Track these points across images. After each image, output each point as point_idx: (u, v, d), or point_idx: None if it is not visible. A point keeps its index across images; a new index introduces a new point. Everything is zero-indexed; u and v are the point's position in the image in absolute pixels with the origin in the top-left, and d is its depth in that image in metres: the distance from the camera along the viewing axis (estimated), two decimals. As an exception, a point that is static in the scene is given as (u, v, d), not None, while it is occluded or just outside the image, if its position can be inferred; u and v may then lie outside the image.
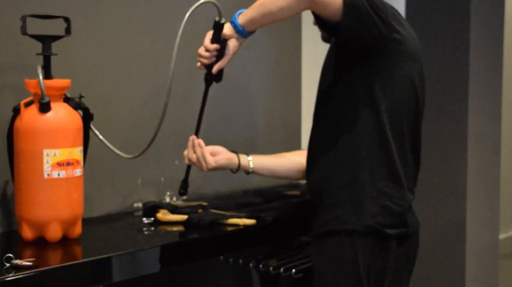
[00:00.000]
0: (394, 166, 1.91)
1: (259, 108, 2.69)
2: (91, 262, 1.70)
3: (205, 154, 2.12)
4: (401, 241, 1.92)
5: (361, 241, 1.87)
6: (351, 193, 1.90)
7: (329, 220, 1.92)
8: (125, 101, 2.24)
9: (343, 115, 1.92)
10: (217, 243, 2.02)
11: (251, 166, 2.21)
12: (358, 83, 1.90)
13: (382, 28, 1.83)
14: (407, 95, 1.94)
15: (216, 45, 1.95)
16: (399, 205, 1.91)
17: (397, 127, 1.92)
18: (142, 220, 2.12)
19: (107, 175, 2.20)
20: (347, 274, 1.87)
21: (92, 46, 2.14)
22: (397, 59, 1.90)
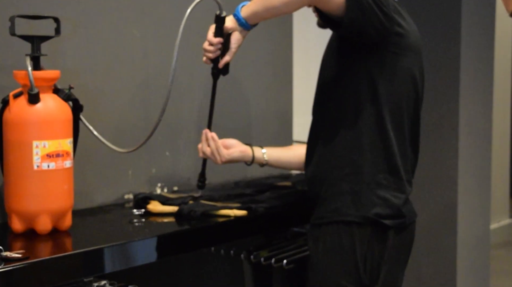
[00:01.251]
0: (393, 158, 1.92)
1: (250, 100, 2.69)
2: (81, 253, 1.69)
3: (219, 147, 2.16)
4: (398, 232, 1.93)
5: (359, 231, 1.89)
6: (351, 184, 1.91)
7: (328, 211, 1.93)
8: (115, 92, 2.23)
9: (345, 108, 1.93)
10: (208, 234, 2.02)
11: (265, 158, 2.25)
12: (359, 76, 1.91)
13: (384, 22, 1.83)
14: (407, 88, 1.95)
15: (219, 38, 1.96)
16: (397, 197, 1.92)
17: (397, 120, 1.93)
18: (133, 211, 2.11)
19: (98, 166, 2.19)
20: (344, 263, 1.89)
21: (82, 38, 2.13)
22: (399, 53, 1.91)
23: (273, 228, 2.26)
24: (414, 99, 1.98)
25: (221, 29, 1.95)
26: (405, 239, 1.98)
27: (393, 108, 1.92)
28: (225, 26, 1.96)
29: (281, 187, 2.46)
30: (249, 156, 2.24)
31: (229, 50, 1.98)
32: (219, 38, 1.97)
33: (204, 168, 2.19)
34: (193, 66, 2.43)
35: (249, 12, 1.93)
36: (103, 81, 2.19)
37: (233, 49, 1.98)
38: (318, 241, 1.94)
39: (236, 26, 1.96)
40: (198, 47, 2.13)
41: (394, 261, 1.95)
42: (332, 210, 1.92)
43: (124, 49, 2.25)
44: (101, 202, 2.20)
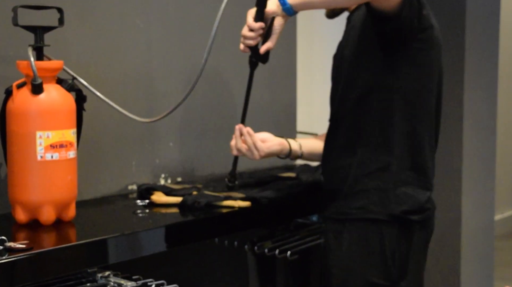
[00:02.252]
0: (421, 154, 1.92)
1: (254, 90, 2.67)
2: (85, 244, 1.69)
3: (256, 142, 2.09)
4: (423, 226, 1.94)
5: (387, 229, 1.88)
6: (377, 182, 1.90)
7: (353, 207, 1.92)
8: (118, 83, 2.22)
9: (371, 104, 1.90)
10: (212, 225, 2.02)
11: (301, 150, 2.20)
12: (387, 72, 1.89)
13: (421, 19, 1.83)
14: (433, 83, 1.94)
15: (261, 23, 1.83)
16: (422, 193, 1.92)
17: (425, 115, 1.92)
18: (137, 202, 2.11)
19: (101, 157, 2.19)
20: (372, 259, 1.89)
21: (85, 28, 2.12)
22: (427, 47, 1.90)
23: (277, 219, 2.26)
24: (439, 92, 1.97)
25: (263, 13, 1.82)
26: (429, 231, 1.99)
27: (421, 104, 1.90)
28: (266, 10, 1.83)
29: (285, 178, 2.45)
30: (286, 149, 2.17)
31: (271, 36, 1.85)
32: (260, 23, 1.83)
33: (235, 166, 2.13)
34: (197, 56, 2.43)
35: (299, 1, 1.82)
36: (106, 72, 2.19)
37: (276, 36, 1.86)
38: (341, 237, 1.93)
39: (279, 11, 1.84)
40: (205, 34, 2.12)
41: (420, 254, 1.96)
42: (358, 207, 1.91)
43: (128, 40, 2.24)
44: (105, 192, 2.20)
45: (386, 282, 1.88)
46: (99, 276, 1.74)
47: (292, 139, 2.22)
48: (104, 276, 1.75)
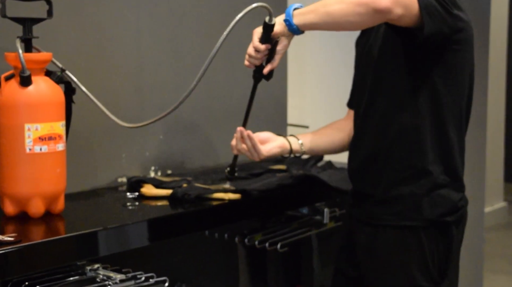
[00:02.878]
0: (454, 158, 1.91)
1: (244, 82, 2.67)
2: (74, 237, 1.68)
3: (256, 145, 2.09)
4: (458, 224, 1.94)
5: (425, 234, 1.88)
6: (412, 187, 1.88)
7: (388, 213, 1.91)
8: (108, 75, 2.21)
9: (405, 111, 1.87)
10: (202, 217, 2.01)
11: (303, 150, 2.19)
12: (419, 77, 1.86)
13: (450, 22, 1.79)
14: (466, 85, 1.91)
15: (267, 45, 1.87)
16: (456, 195, 1.92)
17: (457, 118, 1.91)
18: (126, 195, 2.10)
19: (91, 149, 2.18)
20: (414, 262, 1.88)
21: (74, 20, 2.11)
22: (459, 49, 1.86)
23: (267, 211, 2.26)
24: (470, 93, 1.95)
25: (269, 36, 1.86)
26: (464, 227, 1.99)
27: (453, 108, 1.88)
28: (273, 33, 1.86)
29: (275, 170, 2.45)
30: (287, 150, 2.17)
31: (275, 57, 1.90)
32: (266, 45, 1.87)
33: (235, 162, 2.15)
34: (186, 48, 2.42)
35: (306, 22, 1.81)
36: (95, 64, 2.17)
37: (279, 56, 1.90)
38: (376, 242, 1.92)
39: (285, 32, 1.86)
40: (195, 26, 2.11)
41: (457, 252, 1.96)
42: (393, 213, 1.90)
43: (117, 32, 2.23)
44: (95, 185, 2.19)
45: (429, 284, 1.88)
46: (88, 269, 1.74)
47: (293, 138, 2.20)
48: (93, 269, 1.74)
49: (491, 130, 5.29)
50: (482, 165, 3.39)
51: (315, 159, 2.54)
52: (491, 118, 5.23)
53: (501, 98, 5.75)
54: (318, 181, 2.27)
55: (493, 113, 5.48)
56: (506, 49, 5.76)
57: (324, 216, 2.33)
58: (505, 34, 5.73)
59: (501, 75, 5.71)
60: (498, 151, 5.76)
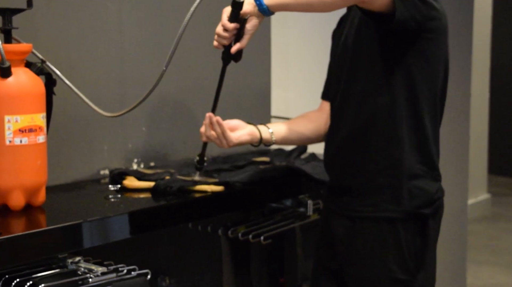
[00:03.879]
0: (428, 148, 1.90)
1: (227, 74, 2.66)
2: (55, 229, 1.67)
3: (225, 131, 2.07)
4: (435, 216, 1.94)
5: (401, 226, 1.87)
6: (389, 178, 1.88)
7: (365, 205, 1.90)
8: (89, 67, 2.20)
9: (380, 97, 1.87)
10: (184, 210, 2.00)
11: (273, 139, 2.16)
12: (395, 66, 1.85)
13: (423, 10, 1.78)
14: (441, 74, 1.91)
15: (235, 24, 1.84)
16: (431, 185, 1.91)
17: (432, 107, 1.90)
18: (109, 187, 2.09)
19: (73, 141, 2.16)
20: (390, 253, 1.88)
21: (55, 11, 2.09)
22: (433, 37, 1.86)
23: (251, 203, 2.25)
24: (445, 82, 1.95)
25: (238, 14, 1.83)
26: (439, 219, 1.98)
27: (428, 95, 1.88)
28: (242, 11, 1.83)
29: (258, 162, 2.44)
30: (257, 137, 2.13)
31: (243, 37, 1.87)
32: (235, 24, 1.84)
33: (204, 150, 2.11)
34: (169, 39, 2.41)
35: (278, 2, 1.80)
36: (76, 55, 2.16)
37: (248, 36, 1.87)
38: (353, 234, 1.91)
39: (255, 11, 1.83)
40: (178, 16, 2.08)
41: (434, 244, 1.96)
42: (370, 205, 1.89)
43: (98, 22, 2.21)
44: (76, 177, 2.17)
45: (406, 276, 1.88)
46: (69, 262, 1.72)
47: (263, 126, 2.16)
48: (75, 261, 1.73)
49: (475, 123, 5.31)
50: (465, 156, 3.40)
51: (298, 150, 2.54)
52: (475, 110, 5.25)
53: (485, 90, 5.78)
54: (301, 173, 2.27)
55: (477, 105, 5.50)
56: (489, 40, 5.78)
57: (307, 208, 2.33)
58: (489, 25, 5.75)
59: (485, 67, 5.74)
60: (482, 142, 5.79)
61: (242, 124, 2.14)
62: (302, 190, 2.35)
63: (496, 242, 4.99)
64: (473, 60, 3.54)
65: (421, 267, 1.91)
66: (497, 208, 5.74)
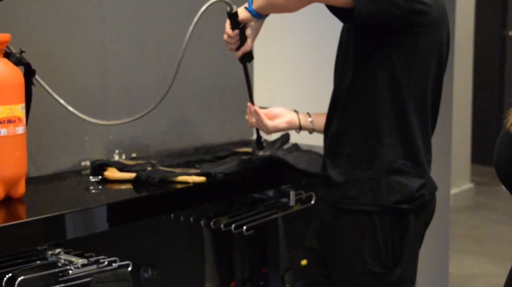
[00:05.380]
0: (414, 143, 1.90)
1: (211, 66, 2.65)
2: (35, 221, 1.66)
3: (263, 120, 2.19)
4: (418, 213, 1.93)
5: (379, 219, 1.88)
6: (368, 171, 1.89)
7: (345, 197, 1.91)
8: (70, 58, 2.18)
9: (362, 91, 1.88)
10: (166, 201, 2.00)
11: (312, 127, 2.24)
12: (377, 60, 1.86)
13: (402, 4, 1.77)
14: (431, 68, 1.90)
15: (236, 31, 2.03)
16: (415, 181, 1.90)
17: (421, 102, 1.89)
18: (89, 178, 2.08)
19: (53, 132, 2.15)
20: (367, 246, 1.89)
21: (34, 1, 2.07)
22: (421, 31, 1.84)
23: (233, 194, 2.25)
24: (439, 77, 1.94)
25: (236, 22, 2.02)
26: (426, 216, 1.98)
27: (414, 91, 1.87)
28: (239, 19, 2.01)
29: (241, 153, 2.44)
30: (296, 125, 2.23)
31: (246, 40, 2.03)
32: (236, 31, 2.02)
33: (258, 133, 2.27)
34: (150, 30, 2.39)
35: (258, 6, 1.96)
36: (57, 46, 2.14)
37: (250, 39, 2.03)
38: (336, 224, 1.93)
39: (249, 17, 2.00)
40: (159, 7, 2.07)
41: (415, 241, 1.95)
42: (350, 197, 1.90)
43: (79, 13, 2.19)
44: (57, 169, 2.16)
45: (381, 269, 1.89)
46: (49, 254, 1.72)
47: (304, 115, 2.24)
48: (55, 253, 1.72)
49: (458, 113, 5.33)
50: (448, 146, 3.41)
51: (281, 141, 2.54)
52: (458, 100, 5.27)
53: (468, 79, 5.80)
54: (283, 163, 2.27)
55: (460, 95, 5.52)
56: (472, 30, 5.79)
57: (290, 198, 2.33)
58: (472, 16, 5.76)
59: (468, 57, 5.75)
60: (465, 132, 5.81)
61: (284, 112, 2.25)
62: (284, 181, 2.34)
63: (479, 231, 5.02)
64: (456, 50, 3.56)
65: (399, 263, 1.91)
66: (481, 198, 5.77)
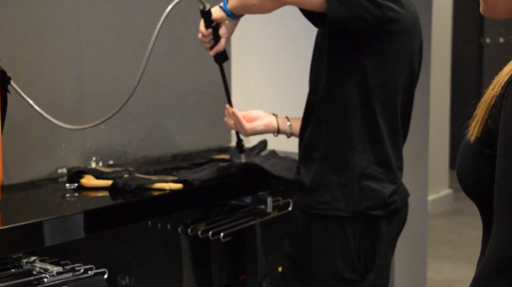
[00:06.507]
0: (384, 149, 1.91)
1: (189, 72, 2.65)
2: (10, 229, 1.65)
3: (240, 122, 2.19)
4: (390, 219, 1.94)
5: (350, 224, 1.89)
6: (340, 177, 1.89)
7: (317, 202, 1.92)
8: (46, 64, 2.17)
9: (334, 97, 1.90)
10: (143, 208, 1.99)
11: (290, 131, 2.24)
12: (348, 67, 1.87)
13: (374, 11, 1.78)
14: (402, 75, 1.91)
15: (209, 29, 2.02)
16: (387, 187, 1.91)
17: (391, 109, 1.91)
18: (66, 186, 2.07)
19: (29, 139, 2.13)
20: (338, 253, 1.89)
21: (9, 8, 2.06)
22: (393, 39, 1.86)
23: (210, 201, 2.25)
24: (410, 84, 1.95)
25: (210, 21, 2.01)
26: (398, 223, 1.99)
27: (384, 98, 1.88)
28: (213, 18, 2.00)
29: (218, 159, 2.44)
30: (274, 128, 2.23)
31: (220, 40, 2.03)
32: (209, 29, 2.02)
33: (238, 135, 2.26)
34: (126, 34, 2.39)
35: (232, 6, 1.97)
36: (32, 52, 2.13)
37: (223, 39, 2.02)
38: (308, 230, 1.93)
39: (223, 17, 2.00)
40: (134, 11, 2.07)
41: (387, 247, 1.96)
42: (322, 203, 1.91)
43: (54, 19, 2.18)
44: (33, 176, 2.15)
45: (353, 275, 1.90)
46: (24, 262, 1.70)
47: (283, 119, 2.25)
48: (30, 261, 1.70)
49: (436, 118, 5.37)
50: (425, 152, 3.44)
51: (258, 148, 2.54)
52: (436, 106, 5.30)
53: (446, 85, 5.84)
54: (261, 170, 2.27)
55: (438, 100, 5.56)
56: (450, 36, 5.84)
57: (267, 205, 2.33)
58: (449, 23, 5.81)
59: (446, 61, 5.79)
60: (443, 138, 5.85)
61: (262, 115, 2.25)
62: (261, 187, 2.35)
63: (458, 236, 5.05)
64: (433, 55, 3.58)
65: (371, 269, 1.92)
66: (459, 203, 5.81)
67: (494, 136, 1.09)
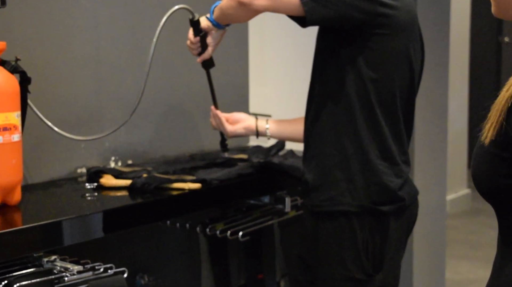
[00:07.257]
0: (385, 142, 1.90)
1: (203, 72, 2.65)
2: (31, 228, 1.66)
3: (223, 124, 2.27)
4: (398, 216, 1.92)
5: (358, 220, 1.87)
6: (344, 172, 1.89)
7: (323, 199, 1.91)
8: (64, 65, 2.18)
9: (333, 94, 1.90)
10: (162, 207, 2.00)
11: (268, 134, 2.29)
12: (344, 62, 1.88)
13: (364, 7, 1.80)
14: (399, 69, 1.91)
15: (197, 38, 2.13)
16: (393, 181, 1.90)
17: (389, 103, 1.90)
18: (85, 185, 2.08)
19: (49, 140, 2.15)
20: (347, 252, 1.88)
21: (29, 9, 2.07)
22: (386, 33, 1.87)
23: (228, 200, 2.25)
24: (409, 78, 1.95)
25: (198, 30, 2.12)
26: (407, 220, 1.97)
27: (382, 92, 1.88)
28: (201, 27, 2.11)
29: (236, 159, 2.44)
30: (253, 131, 2.29)
31: (207, 48, 2.14)
32: (197, 38, 2.13)
33: (221, 135, 2.34)
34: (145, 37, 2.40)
35: (216, 16, 2.06)
36: (51, 54, 2.14)
37: (210, 47, 2.14)
38: (317, 230, 1.93)
39: (210, 27, 2.10)
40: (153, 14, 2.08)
41: (396, 246, 1.94)
42: (328, 199, 1.90)
43: (74, 20, 2.20)
44: (53, 176, 2.16)
45: (361, 276, 1.88)
46: (45, 261, 1.72)
47: (262, 121, 2.28)
48: (50, 260, 1.72)
49: (454, 118, 5.34)
50: (443, 152, 3.42)
51: (277, 147, 2.54)
52: (454, 106, 5.28)
53: (464, 84, 5.81)
54: (279, 170, 2.27)
55: (457, 100, 5.53)
56: (468, 36, 5.81)
57: (285, 204, 2.33)
58: (468, 22, 5.78)
59: (464, 61, 5.76)
60: (462, 138, 5.81)
61: (244, 118, 2.31)
62: (280, 187, 2.35)
63: (476, 236, 5.03)
64: (451, 54, 3.56)
65: (380, 268, 1.90)
66: (477, 203, 5.77)
67: (510, 139, 1.08)
